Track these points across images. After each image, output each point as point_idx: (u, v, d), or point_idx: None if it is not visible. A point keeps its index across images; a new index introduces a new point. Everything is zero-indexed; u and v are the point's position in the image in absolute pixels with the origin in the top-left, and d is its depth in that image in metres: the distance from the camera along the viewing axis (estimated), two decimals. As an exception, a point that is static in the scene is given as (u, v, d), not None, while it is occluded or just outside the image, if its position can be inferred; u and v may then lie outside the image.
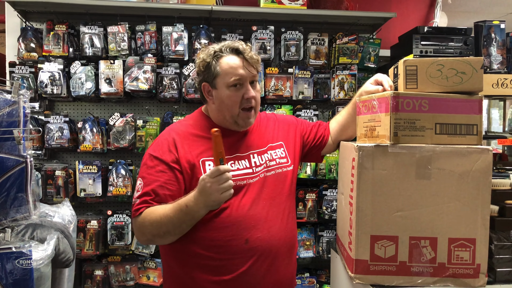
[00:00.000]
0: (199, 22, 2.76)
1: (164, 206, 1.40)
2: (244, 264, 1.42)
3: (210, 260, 1.43)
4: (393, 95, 1.32)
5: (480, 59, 1.37)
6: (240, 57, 1.47)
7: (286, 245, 1.52)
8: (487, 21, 2.53)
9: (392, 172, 1.34)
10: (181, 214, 1.37)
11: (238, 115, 1.49)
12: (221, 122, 1.54)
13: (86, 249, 2.60)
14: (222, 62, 1.47)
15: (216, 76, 1.47)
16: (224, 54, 1.47)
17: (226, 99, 1.47)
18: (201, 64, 1.51)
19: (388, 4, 3.39)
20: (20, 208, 1.49)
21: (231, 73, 1.45)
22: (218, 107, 1.51)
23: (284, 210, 1.55)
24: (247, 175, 1.50)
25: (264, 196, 1.50)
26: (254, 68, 1.49)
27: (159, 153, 1.47)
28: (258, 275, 1.44)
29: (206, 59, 1.49)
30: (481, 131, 1.37)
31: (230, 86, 1.46)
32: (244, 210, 1.44)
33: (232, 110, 1.48)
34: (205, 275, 1.43)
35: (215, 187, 1.31)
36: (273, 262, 1.47)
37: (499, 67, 2.51)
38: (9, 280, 1.42)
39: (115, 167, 2.62)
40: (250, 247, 1.43)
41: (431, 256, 1.34)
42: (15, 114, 1.49)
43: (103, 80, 2.59)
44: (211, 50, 1.49)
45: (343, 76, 2.75)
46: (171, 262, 1.52)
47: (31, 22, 2.75)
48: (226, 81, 1.46)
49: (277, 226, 1.49)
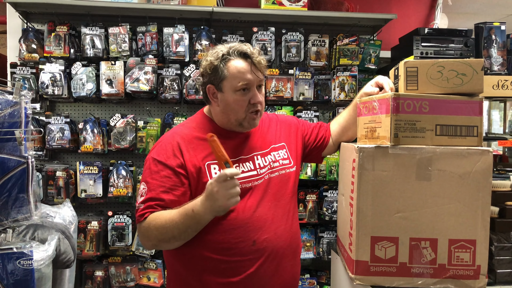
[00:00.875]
0: (200, 24, 2.77)
1: (170, 211, 1.38)
2: (252, 265, 1.42)
3: (219, 262, 1.42)
4: (394, 96, 1.33)
5: (481, 61, 1.37)
6: (248, 61, 1.45)
7: (292, 246, 1.53)
8: (487, 23, 2.54)
9: (393, 173, 1.34)
10: (187, 219, 1.35)
11: (245, 118, 1.48)
12: (225, 124, 1.53)
13: (87, 250, 2.60)
14: (230, 66, 1.44)
15: (223, 79, 1.45)
16: (232, 58, 1.45)
17: (232, 103, 1.46)
18: (208, 66, 1.48)
19: (388, 5, 3.39)
20: (22, 208, 1.49)
21: (239, 77, 1.44)
22: (223, 110, 1.50)
23: (289, 211, 1.55)
24: (252, 177, 1.49)
25: (269, 197, 1.50)
26: (262, 72, 1.48)
27: (163, 157, 1.44)
28: (266, 276, 1.44)
29: (214, 61, 1.46)
30: (481, 133, 1.37)
31: (237, 91, 1.45)
32: (251, 212, 1.44)
33: (238, 114, 1.48)
34: (213, 278, 1.42)
35: (222, 192, 1.28)
36: (280, 262, 1.47)
37: (500, 68, 2.52)
38: (10, 281, 1.43)
39: (115, 168, 2.63)
40: (258, 248, 1.42)
41: (432, 257, 1.34)
42: (16, 115, 1.50)
43: (104, 81, 2.60)
44: (219, 52, 1.46)
45: (343, 78, 2.76)
46: (177, 265, 1.50)
47: (33, 23, 2.76)
48: (233, 85, 1.44)
49: (282, 227, 1.50)
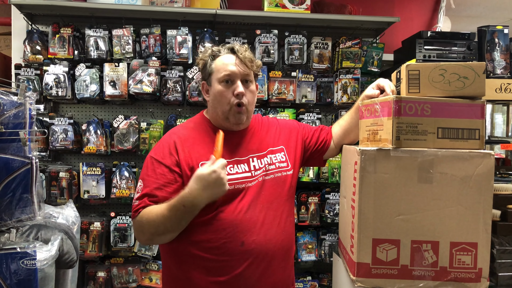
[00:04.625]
0: (203, 26, 2.78)
1: (161, 205, 1.41)
2: (239, 266, 1.43)
3: (207, 261, 1.44)
4: (396, 99, 1.33)
5: (483, 64, 1.38)
6: (235, 55, 1.53)
7: (283, 249, 1.53)
8: (490, 26, 2.53)
9: (394, 176, 1.34)
10: (178, 212, 1.38)
11: (229, 111, 1.51)
12: (217, 121, 1.57)
13: (89, 251, 2.61)
14: (217, 61, 1.54)
15: (211, 73, 1.54)
16: (220, 54, 1.55)
17: (217, 94, 1.52)
18: (200, 63, 1.60)
19: (391, 8, 3.40)
20: (25, 208, 1.50)
21: (222, 68, 1.51)
22: (212, 104, 1.56)
23: (282, 214, 1.55)
24: (245, 179, 1.51)
25: (262, 199, 1.51)
26: (248, 67, 1.52)
27: (160, 156, 1.49)
28: (253, 277, 1.45)
29: (204, 58, 1.57)
30: (483, 136, 1.37)
31: (221, 82, 1.51)
32: (241, 213, 1.46)
33: (223, 105, 1.51)
34: (202, 276, 1.45)
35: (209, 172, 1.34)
36: (269, 265, 1.48)
37: (503, 72, 2.51)
38: (13, 280, 1.44)
39: (118, 169, 2.64)
40: (246, 249, 1.44)
41: (433, 260, 1.34)
42: (21, 116, 1.51)
43: (107, 82, 2.61)
44: (209, 50, 1.58)
45: (346, 80, 2.76)
46: (169, 262, 1.54)
47: (37, 24, 2.78)
48: (217, 76, 1.52)
49: (273, 229, 1.50)
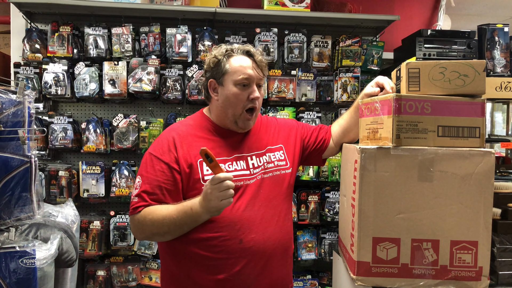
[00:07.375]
0: (203, 24, 2.77)
1: (167, 207, 1.42)
2: (238, 264, 1.44)
3: (207, 259, 1.44)
4: (396, 98, 1.33)
5: (483, 62, 1.37)
6: (251, 58, 1.51)
7: (281, 247, 1.53)
8: (490, 24, 2.53)
9: (395, 174, 1.34)
10: (184, 217, 1.40)
11: (240, 115, 1.51)
12: (222, 121, 1.56)
13: (89, 250, 2.61)
14: (233, 61, 1.50)
15: (225, 73, 1.50)
16: (235, 54, 1.52)
17: (231, 96, 1.50)
18: (211, 60, 1.54)
19: (391, 7, 3.39)
20: (24, 207, 1.50)
21: (240, 71, 1.49)
22: (222, 104, 1.52)
23: (280, 212, 1.56)
24: (244, 176, 1.51)
25: (260, 198, 1.51)
26: (262, 72, 1.53)
27: (159, 152, 1.49)
28: (252, 275, 1.45)
29: (218, 56, 1.52)
30: (483, 134, 1.36)
31: (238, 84, 1.49)
32: (239, 211, 1.46)
33: (236, 108, 1.51)
34: (201, 274, 1.45)
35: (215, 194, 1.33)
36: (267, 263, 1.48)
37: (503, 70, 2.51)
38: (12, 279, 1.44)
39: (118, 168, 2.64)
40: (244, 247, 1.44)
41: (433, 258, 1.34)
42: (20, 114, 1.51)
43: (107, 81, 2.61)
44: (223, 48, 1.53)
45: (346, 79, 2.76)
46: (168, 260, 1.54)
47: (36, 23, 2.77)
48: (234, 78, 1.49)
49: (272, 227, 1.50)
